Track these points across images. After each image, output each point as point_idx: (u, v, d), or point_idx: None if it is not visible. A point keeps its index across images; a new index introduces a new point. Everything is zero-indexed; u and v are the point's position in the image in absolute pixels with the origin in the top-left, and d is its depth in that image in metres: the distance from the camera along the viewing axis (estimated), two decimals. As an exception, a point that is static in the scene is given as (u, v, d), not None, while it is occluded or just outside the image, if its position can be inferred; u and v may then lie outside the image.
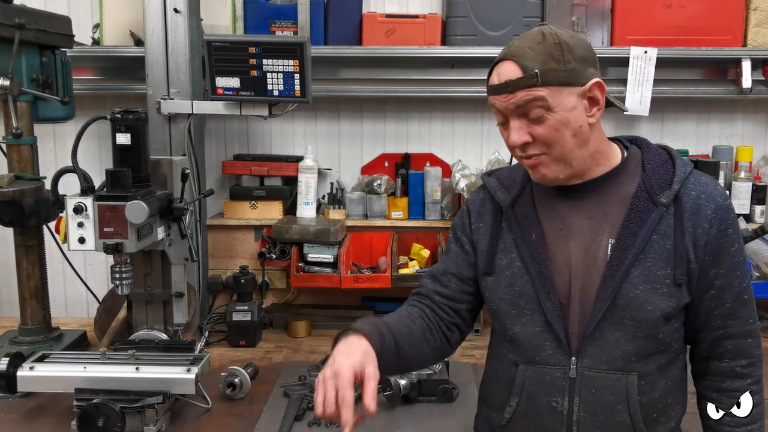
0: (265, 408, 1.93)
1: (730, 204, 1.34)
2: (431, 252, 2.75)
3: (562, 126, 1.27)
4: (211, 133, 2.94)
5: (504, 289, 1.39)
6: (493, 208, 1.45)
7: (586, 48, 1.30)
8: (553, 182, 1.35)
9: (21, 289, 2.30)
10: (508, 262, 1.39)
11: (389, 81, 2.80)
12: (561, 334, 1.33)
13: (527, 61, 1.26)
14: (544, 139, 1.28)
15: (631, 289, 1.29)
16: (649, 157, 1.37)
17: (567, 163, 1.31)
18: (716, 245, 1.31)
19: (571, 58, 1.25)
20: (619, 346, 1.31)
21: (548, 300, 1.33)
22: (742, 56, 2.66)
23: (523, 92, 1.26)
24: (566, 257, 1.35)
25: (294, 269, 2.62)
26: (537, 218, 1.39)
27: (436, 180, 2.80)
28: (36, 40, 2.16)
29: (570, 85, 1.26)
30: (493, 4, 2.68)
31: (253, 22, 2.75)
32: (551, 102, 1.25)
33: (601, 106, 1.30)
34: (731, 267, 1.32)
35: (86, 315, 2.95)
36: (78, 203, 1.82)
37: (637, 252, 1.29)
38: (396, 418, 1.87)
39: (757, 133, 2.93)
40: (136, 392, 1.75)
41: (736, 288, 1.33)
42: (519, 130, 1.29)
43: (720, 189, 1.35)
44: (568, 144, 1.29)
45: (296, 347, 2.46)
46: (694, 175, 1.35)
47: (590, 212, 1.35)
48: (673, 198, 1.31)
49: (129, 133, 1.90)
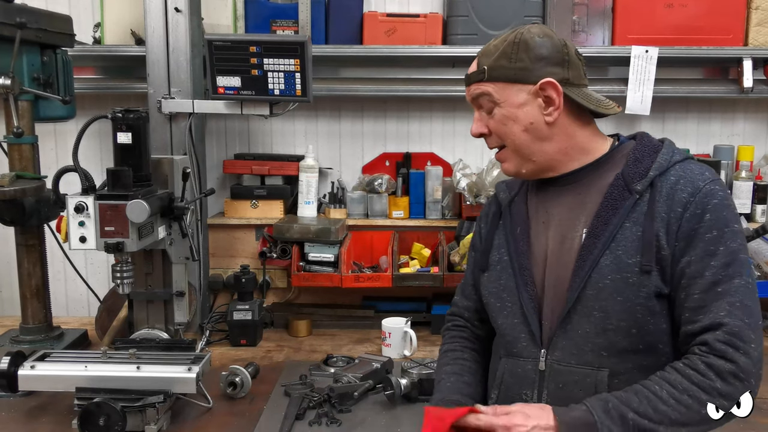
0: (265, 407, 1.93)
1: (715, 190, 1.26)
2: (432, 251, 2.74)
3: (509, 120, 1.35)
4: (212, 133, 2.94)
5: (492, 284, 1.45)
6: (496, 209, 1.51)
7: (552, 48, 1.33)
8: (517, 175, 1.42)
9: (22, 288, 2.30)
10: (499, 257, 1.45)
11: (390, 80, 2.80)
12: (534, 325, 1.36)
13: (484, 57, 1.36)
14: (495, 132, 1.38)
15: (600, 279, 1.27)
16: (638, 148, 1.36)
17: (525, 158, 1.37)
18: (689, 230, 1.24)
19: (526, 56, 1.32)
20: (588, 339, 1.29)
21: (525, 291, 1.37)
22: (743, 55, 2.66)
23: (475, 86, 1.38)
24: (544, 248, 1.38)
25: (295, 268, 2.62)
26: (526, 213, 1.43)
27: (437, 179, 2.80)
28: (37, 40, 2.16)
29: (518, 83, 1.32)
30: (494, 3, 2.68)
31: (254, 22, 2.75)
32: (496, 97, 1.34)
33: (557, 105, 1.32)
34: (704, 254, 1.23)
35: (87, 314, 2.95)
36: (79, 202, 1.82)
37: (607, 240, 1.27)
38: (397, 417, 1.87)
39: (758, 132, 2.93)
40: (137, 391, 1.75)
41: (708, 278, 1.22)
42: (478, 121, 1.41)
43: (707, 175, 1.28)
44: (519, 138, 1.35)
45: (297, 346, 2.46)
46: (684, 164, 1.31)
47: (570, 203, 1.37)
48: (649, 184, 1.28)
49: (130, 133, 1.90)
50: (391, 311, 2.65)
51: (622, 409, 1.19)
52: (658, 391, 1.20)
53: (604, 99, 1.40)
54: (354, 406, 1.91)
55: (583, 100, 1.34)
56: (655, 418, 1.18)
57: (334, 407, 1.89)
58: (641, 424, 1.18)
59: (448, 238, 2.74)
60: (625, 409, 1.19)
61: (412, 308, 2.71)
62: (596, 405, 1.21)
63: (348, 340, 2.51)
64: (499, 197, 1.52)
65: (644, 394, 1.20)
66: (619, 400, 1.21)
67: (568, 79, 1.34)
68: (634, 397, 1.21)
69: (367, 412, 1.89)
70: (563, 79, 1.33)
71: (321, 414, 1.85)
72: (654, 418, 1.18)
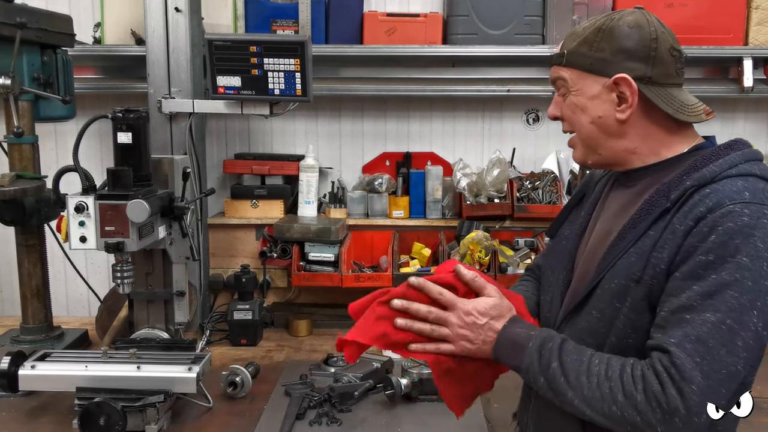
0: (266, 407, 1.93)
1: (741, 213, 1.10)
2: (432, 251, 2.75)
3: (577, 109, 1.29)
4: (212, 132, 2.94)
5: (550, 256, 1.49)
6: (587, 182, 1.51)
7: (639, 41, 1.22)
8: (583, 164, 1.39)
9: (22, 288, 2.30)
10: (568, 233, 1.45)
11: (390, 80, 2.81)
12: (555, 308, 1.38)
13: (569, 39, 1.30)
14: (565, 117, 1.33)
15: (609, 281, 1.23)
16: (706, 156, 1.22)
17: (591, 149, 1.32)
18: (689, 246, 1.12)
19: (607, 46, 1.23)
20: (583, 336, 1.27)
21: (561, 274, 1.39)
22: (743, 55, 2.66)
23: (555, 69, 1.32)
24: (589, 239, 1.38)
25: (295, 268, 2.62)
26: (599, 198, 1.42)
27: (437, 179, 2.80)
28: (37, 39, 2.16)
29: (594, 73, 1.26)
30: (495, 3, 2.69)
31: (254, 21, 2.76)
32: (571, 84, 1.29)
33: (631, 104, 1.23)
34: (689, 275, 1.11)
35: (87, 314, 2.95)
36: (79, 202, 1.82)
37: (628, 244, 1.22)
38: (397, 416, 1.87)
39: (759, 131, 2.93)
40: (137, 391, 1.75)
41: (681, 300, 1.10)
42: (555, 103, 1.35)
43: (746, 196, 1.12)
44: (586, 129, 1.30)
45: (297, 346, 2.46)
46: (733, 179, 1.16)
47: (624, 200, 1.33)
48: (682, 195, 1.17)
49: (130, 132, 1.90)
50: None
51: (553, 356, 1.19)
52: (595, 364, 1.16)
53: (693, 102, 1.28)
54: (354, 405, 1.91)
55: (662, 103, 1.23)
56: (572, 383, 1.16)
57: (334, 407, 1.89)
58: (556, 379, 1.18)
59: (449, 237, 2.74)
60: (556, 357, 1.19)
61: (413, 308, 2.71)
62: (539, 338, 1.23)
63: (348, 339, 2.51)
64: (594, 172, 1.50)
65: (582, 358, 1.18)
66: (559, 348, 1.20)
67: (650, 77, 1.23)
68: (573, 354, 1.19)
69: (368, 412, 1.89)
70: (643, 77, 1.22)
71: (321, 414, 1.85)
72: (572, 382, 1.16)
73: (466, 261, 2.55)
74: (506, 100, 2.92)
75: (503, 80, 2.79)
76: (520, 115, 2.94)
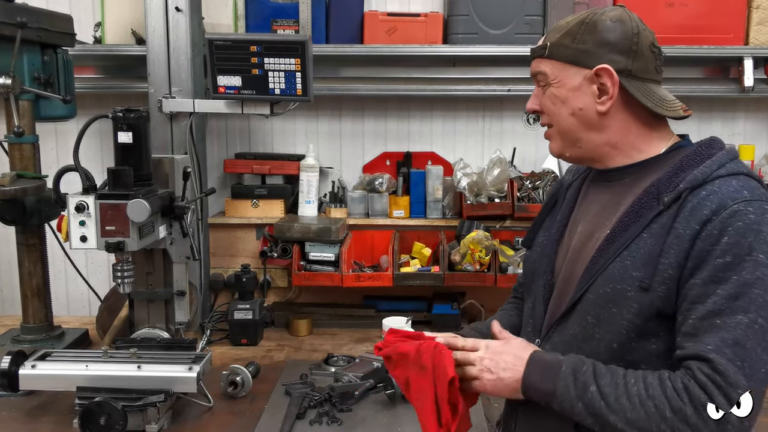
0: (266, 406, 1.93)
1: (746, 211, 1.11)
2: (433, 251, 2.75)
3: (558, 101, 1.30)
4: (212, 132, 2.94)
5: (528, 264, 1.47)
6: (556, 190, 1.51)
7: (622, 35, 1.24)
8: (560, 158, 1.39)
9: (23, 288, 2.30)
10: (542, 239, 1.45)
11: (391, 79, 2.81)
12: (539, 314, 1.36)
13: (552, 33, 1.31)
14: (544, 110, 1.34)
15: (602, 285, 1.22)
16: (690, 155, 1.24)
17: (571, 142, 1.32)
18: (701, 251, 1.12)
19: (590, 39, 1.25)
20: (575, 342, 1.25)
21: (542, 279, 1.38)
22: (743, 55, 2.66)
23: (535, 61, 1.34)
24: (570, 242, 1.36)
25: (295, 268, 2.62)
26: (575, 201, 1.42)
27: (438, 178, 2.80)
28: (38, 39, 2.16)
29: (576, 65, 1.27)
30: (495, 2, 2.68)
31: (255, 21, 2.75)
32: (552, 76, 1.30)
33: (611, 95, 1.25)
34: (710, 280, 1.11)
35: (88, 313, 2.95)
36: (80, 202, 1.82)
37: (620, 248, 1.21)
38: (397, 416, 1.87)
39: (759, 131, 2.93)
40: (137, 390, 1.75)
41: (708, 306, 1.10)
42: (534, 96, 1.37)
43: (745, 194, 1.13)
44: (566, 122, 1.31)
45: (298, 346, 2.46)
46: (726, 179, 1.17)
47: (606, 201, 1.32)
48: (677, 198, 1.17)
49: (130, 132, 1.90)
50: (391, 310, 2.65)
51: (589, 380, 1.16)
52: (632, 384, 1.14)
53: (671, 99, 1.31)
54: (354, 405, 1.91)
55: (641, 96, 1.25)
56: (613, 407, 1.14)
57: (334, 406, 1.89)
58: (596, 404, 1.15)
59: (449, 237, 2.74)
60: (592, 380, 1.16)
61: (413, 307, 2.72)
62: (570, 363, 1.20)
63: (348, 339, 2.51)
64: (563, 179, 1.51)
65: (617, 380, 1.15)
66: (593, 370, 1.18)
67: (631, 71, 1.24)
68: (608, 377, 1.16)
69: (368, 412, 1.89)
70: (624, 69, 1.24)
71: (322, 413, 1.85)
72: (612, 405, 1.14)
73: (466, 261, 2.55)
74: (507, 100, 2.92)
75: (504, 80, 2.79)
76: (520, 114, 2.94)
